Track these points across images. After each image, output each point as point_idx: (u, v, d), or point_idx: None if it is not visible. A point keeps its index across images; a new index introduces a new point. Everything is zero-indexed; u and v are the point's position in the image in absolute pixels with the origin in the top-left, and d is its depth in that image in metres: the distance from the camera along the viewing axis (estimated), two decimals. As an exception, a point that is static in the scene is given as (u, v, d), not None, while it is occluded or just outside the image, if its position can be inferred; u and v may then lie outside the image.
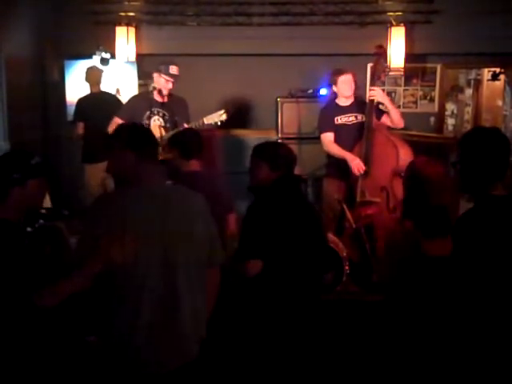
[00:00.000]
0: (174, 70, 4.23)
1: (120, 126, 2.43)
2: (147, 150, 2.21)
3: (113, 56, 5.97)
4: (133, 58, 6.05)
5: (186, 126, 4.14)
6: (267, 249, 2.66)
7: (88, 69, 5.67)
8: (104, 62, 5.89)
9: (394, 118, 4.40)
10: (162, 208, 2.15)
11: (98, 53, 5.89)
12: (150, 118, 4.25)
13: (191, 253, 2.18)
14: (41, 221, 3.41)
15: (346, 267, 3.68)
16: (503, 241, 1.99)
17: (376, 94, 4.30)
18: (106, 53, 5.90)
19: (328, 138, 4.55)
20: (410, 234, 2.11)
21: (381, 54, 4.42)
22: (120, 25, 5.97)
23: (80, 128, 5.47)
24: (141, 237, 2.07)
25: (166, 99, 4.30)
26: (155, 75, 4.32)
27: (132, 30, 6.03)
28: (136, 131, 2.26)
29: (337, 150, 4.48)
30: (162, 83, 4.24)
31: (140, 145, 2.18)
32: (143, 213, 2.11)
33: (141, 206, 2.12)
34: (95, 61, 5.88)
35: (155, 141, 2.33)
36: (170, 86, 4.26)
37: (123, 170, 2.19)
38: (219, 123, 4.18)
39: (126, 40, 5.98)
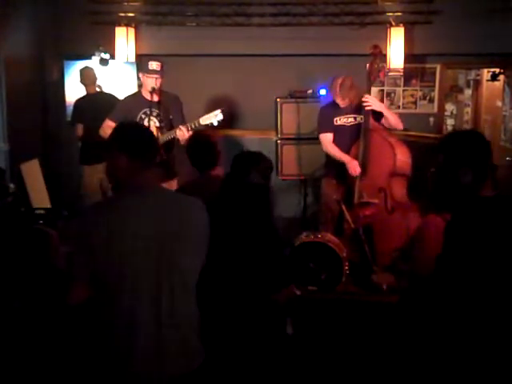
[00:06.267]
0: (153, 65, 4.16)
1: (117, 127, 2.27)
2: (141, 152, 2.09)
3: (112, 56, 5.98)
4: (132, 58, 6.07)
5: (181, 126, 4.10)
6: None
7: (81, 70, 5.61)
8: (103, 62, 5.90)
9: (391, 123, 4.40)
10: (158, 215, 2.06)
11: (97, 53, 5.91)
12: (143, 118, 4.21)
13: (188, 260, 2.11)
14: (40, 221, 3.41)
15: (346, 267, 3.67)
16: (493, 241, 1.98)
17: (371, 103, 4.29)
18: (105, 53, 5.91)
19: (327, 138, 4.55)
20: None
21: (376, 54, 4.41)
22: (119, 25, 5.99)
23: (79, 130, 5.43)
24: (137, 248, 2.00)
25: (158, 98, 4.23)
26: (141, 76, 4.31)
27: (131, 30, 6.05)
28: (131, 132, 2.15)
29: (335, 152, 4.48)
30: (148, 82, 4.19)
31: (133, 147, 2.08)
32: (138, 222, 2.03)
33: (136, 215, 2.03)
34: (95, 61, 5.89)
35: (153, 142, 2.21)
36: (158, 82, 4.18)
37: (117, 173, 2.11)
38: (216, 123, 4.12)
39: (125, 40, 5.99)
